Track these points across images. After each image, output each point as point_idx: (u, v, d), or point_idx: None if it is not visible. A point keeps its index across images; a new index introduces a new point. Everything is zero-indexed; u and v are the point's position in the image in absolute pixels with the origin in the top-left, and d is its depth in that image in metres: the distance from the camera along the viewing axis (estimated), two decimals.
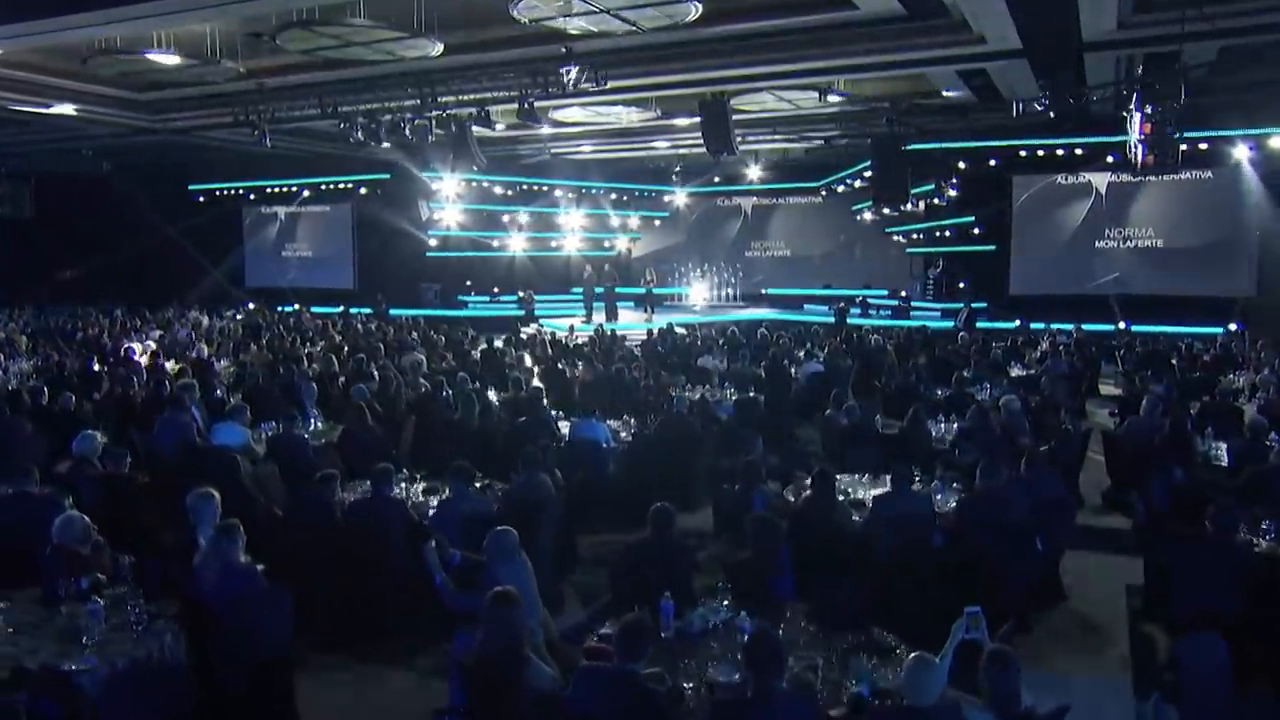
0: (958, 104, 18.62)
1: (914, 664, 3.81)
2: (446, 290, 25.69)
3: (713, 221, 28.37)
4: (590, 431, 8.92)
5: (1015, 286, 21.30)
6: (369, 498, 6.70)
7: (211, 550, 5.35)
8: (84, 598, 5.27)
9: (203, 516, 5.88)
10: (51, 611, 5.16)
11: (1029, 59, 14.42)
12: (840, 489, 7.03)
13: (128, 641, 4.82)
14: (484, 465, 8.24)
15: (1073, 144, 18.98)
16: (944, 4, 12.35)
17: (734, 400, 11.32)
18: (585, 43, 13.60)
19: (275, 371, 12.81)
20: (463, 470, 6.67)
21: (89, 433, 7.85)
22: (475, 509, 6.52)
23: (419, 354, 14.31)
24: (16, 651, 4.72)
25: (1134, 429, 8.94)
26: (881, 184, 19.42)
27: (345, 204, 26.61)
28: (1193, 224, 19.85)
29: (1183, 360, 14.15)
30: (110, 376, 11.84)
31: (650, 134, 21.69)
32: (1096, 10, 12.10)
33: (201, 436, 9.40)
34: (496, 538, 5.23)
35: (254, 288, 27.62)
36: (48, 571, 5.39)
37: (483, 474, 7.95)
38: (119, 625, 4.96)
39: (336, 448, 8.62)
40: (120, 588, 5.53)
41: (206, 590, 5.23)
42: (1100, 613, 6.83)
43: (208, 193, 26.88)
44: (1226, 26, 12.35)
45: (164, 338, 17.07)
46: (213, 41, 14.22)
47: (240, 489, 7.01)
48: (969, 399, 10.86)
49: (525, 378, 12.00)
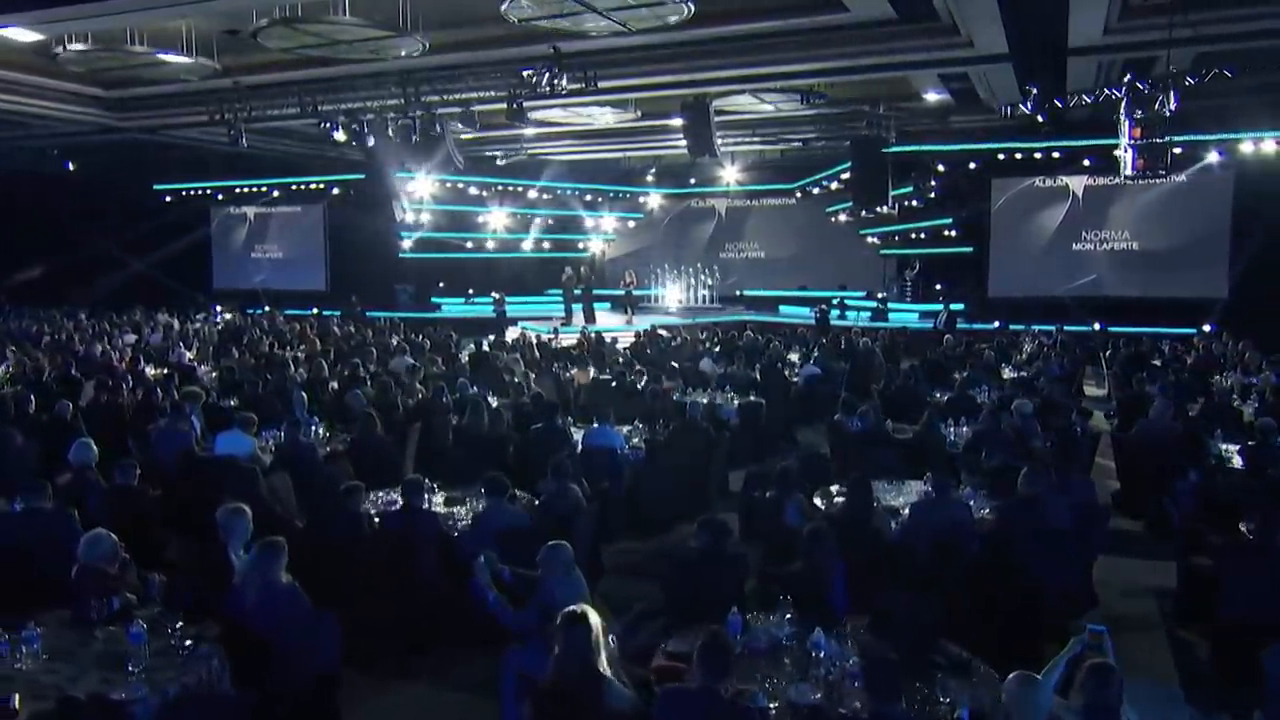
0: (936, 107, 18.79)
1: (1019, 684, 3.70)
2: (419, 292, 25.36)
3: (687, 223, 28.36)
4: (605, 439, 8.77)
5: (994, 288, 21.52)
6: (400, 510, 6.51)
7: (252, 568, 5.15)
8: (117, 619, 5.07)
9: (234, 532, 5.67)
10: (85, 635, 4.94)
11: (1014, 63, 14.56)
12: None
13: (173, 667, 4.61)
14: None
15: (1050, 147, 19.20)
16: (934, 7, 12.41)
17: (737, 405, 11.24)
18: (573, 43, 13.48)
19: (263, 377, 12.51)
20: (498, 482, 6.50)
21: (85, 441, 7.55)
22: (511, 521, 6.36)
23: (407, 358, 14.05)
24: (57, 679, 4.48)
25: (1146, 431, 8.98)
26: (861, 186, 19.54)
27: (317, 204, 26.20)
28: (1167, 227, 20.16)
29: (1170, 361, 14.34)
30: (97, 384, 11.43)
31: (627, 135, 21.59)
32: (1086, 16, 12.25)
33: (199, 445, 9.16)
34: (552, 552, 5.09)
35: (222, 289, 27.08)
36: (77, 592, 5.15)
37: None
38: (161, 649, 4.75)
39: (347, 456, 8.40)
40: (153, 608, 5.33)
41: (249, 610, 5.03)
42: (1133, 618, 6.84)
43: (174, 192, 26.28)
44: (1209, 33, 12.60)
45: (139, 342, 16.59)
46: (189, 38, 13.88)
47: (259, 502, 6.78)
48: (970, 401, 10.92)
49: (525, 382, 11.82)
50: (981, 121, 19.46)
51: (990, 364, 13.72)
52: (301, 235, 27.23)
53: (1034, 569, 5.93)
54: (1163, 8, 11.93)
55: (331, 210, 26.04)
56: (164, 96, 17.74)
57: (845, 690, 4.30)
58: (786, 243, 27.04)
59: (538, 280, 26.58)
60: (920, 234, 22.53)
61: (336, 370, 13.40)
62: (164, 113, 18.66)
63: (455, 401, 10.47)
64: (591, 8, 11.52)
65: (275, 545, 5.13)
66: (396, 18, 12.53)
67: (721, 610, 4.93)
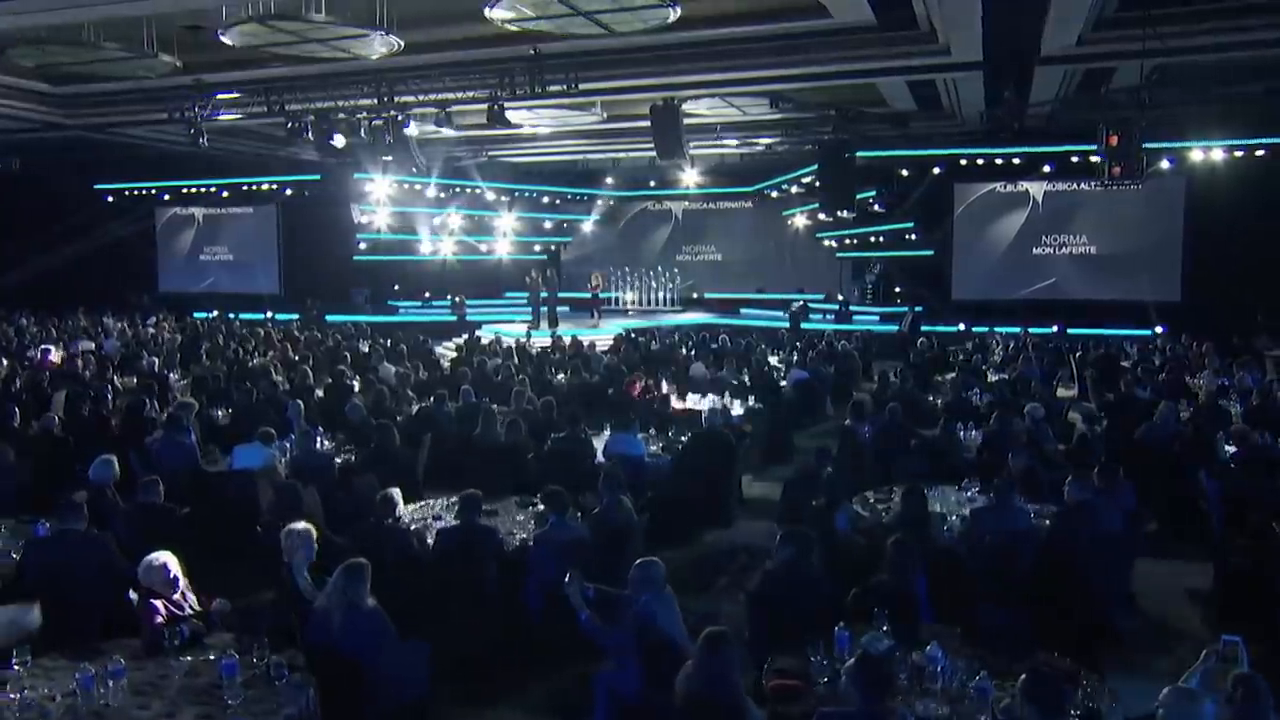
0: (899, 113, 19.09)
1: (1182, 697, 3.71)
2: (374, 295, 24.88)
3: (644, 226, 28.35)
4: (629, 447, 8.66)
5: (957, 291, 21.94)
6: (458, 527, 6.34)
7: (337, 591, 4.95)
8: (189, 648, 4.85)
9: (299, 553, 5.46)
10: (163, 666, 4.70)
11: (985, 71, 14.85)
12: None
13: (270, 698, 4.41)
14: (516, 486, 7.96)
15: (1010, 154, 19.68)
16: (914, 15, 12.59)
17: (742, 410, 11.23)
18: (552, 44, 13.35)
19: (241, 385, 12.10)
20: (559, 496, 6.37)
21: (107, 458, 7.20)
22: (573, 536, 6.25)
23: (390, 365, 13.73)
24: (153, 716, 4.26)
25: (1153, 433, 9.20)
26: (829, 190, 19.72)
27: (270, 205, 25.49)
28: (1123, 232, 20.78)
29: (1140, 363, 14.71)
30: (70, 395, 10.89)
31: (592, 137, 21.47)
32: (1064, 27, 12.55)
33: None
34: (645, 569, 4.99)
35: (168, 292, 26.17)
36: (146, 621, 4.90)
37: (521, 494, 7.67)
38: (249, 680, 4.53)
39: (370, 469, 8.14)
40: (219, 634, 5.11)
41: (335, 637, 4.84)
42: (1172, 620, 6.99)
43: (116, 192, 25.33)
44: (1175, 45, 12.99)
45: (98, 349, 15.92)
46: (149, 34, 13.34)
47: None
48: (968, 404, 11.10)
49: (524, 389, 11.53)
50: (943, 127, 19.88)
51: (977, 367, 13.95)
52: (254, 237, 26.47)
53: (1092, 574, 6.03)
54: (1136, 20, 12.27)
55: (286, 212, 25.34)
56: (116, 94, 17.09)
57: (970, 703, 4.30)
58: (743, 246, 27.25)
59: (494, 283, 26.31)
60: (879, 237, 22.87)
61: (321, 378, 13.07)
62: (117, 110, 17.99)
63: (457, 410, 10.26)
64: (577, 10, 11.38)
65: (359, 568, 4.95)
66: (372, 16, 12.22)
67: (807, 626, 4.89)
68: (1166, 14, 11.92)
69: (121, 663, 4.44)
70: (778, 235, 26.26)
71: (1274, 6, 11.77)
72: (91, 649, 4.72)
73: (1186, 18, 12.23)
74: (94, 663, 4.45)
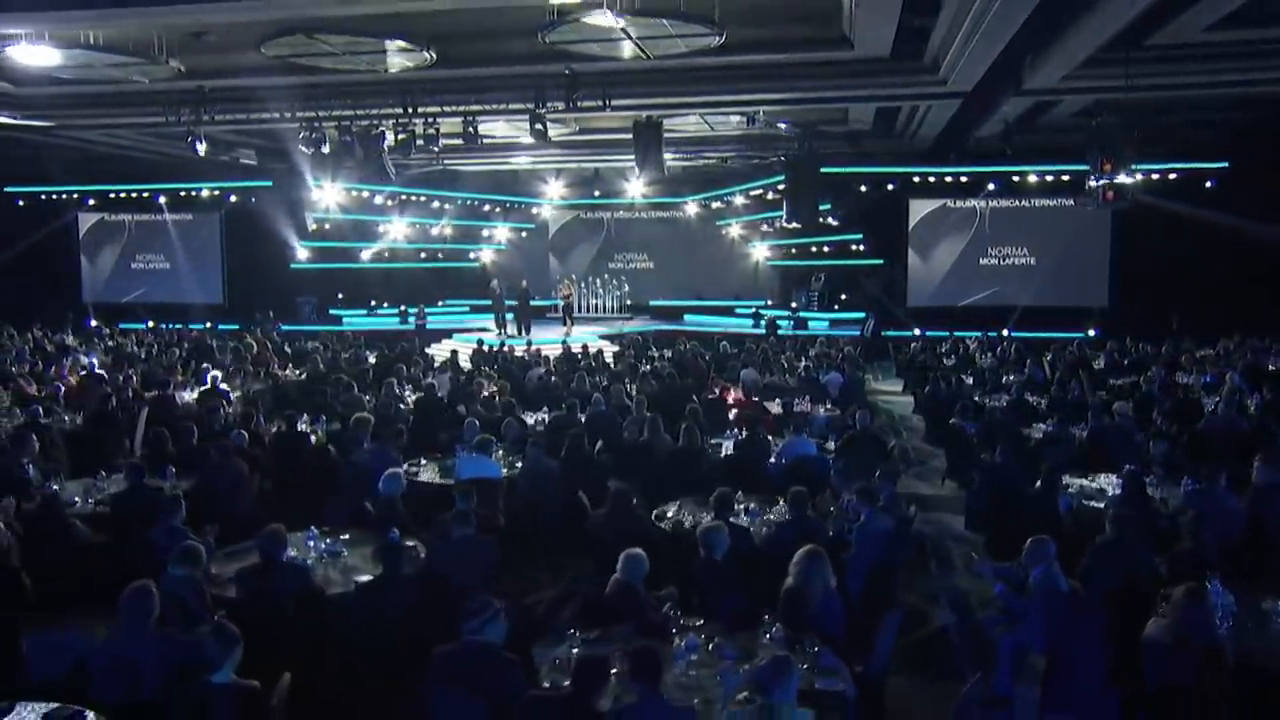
0: (855, 131, 20.45)
1: None
2: (320, 303, 24.32)
3: (576, 234, 28.68)
4: (806, 448, 9.33)
5: (912, 299, 23.70)
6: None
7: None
8: None
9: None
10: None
11: (965, 100, 16.18)
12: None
13: None
14: (686, 486, 8.44)
15: (959, 172, 21.58)
16: (924, 50, 13.76)
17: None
18: (585, 65, 13.77)
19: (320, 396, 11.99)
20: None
21: (395, 472, 7.29)
22: (884, 528, 6.89)
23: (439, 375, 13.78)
24: None
25: (1213, 427, 10.59)
26: (794, 203, 20.86)
27: (214, 213, 24.43)
28: (1058, 244, 22.96)
29: (1108, 363, 16.51)
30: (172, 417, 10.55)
31: (565, 148, 21.73)
32: (1057, 64, 13.95)
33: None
34: (1040, 546, 5.85)
35: (94, 303, 24.62)
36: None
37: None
38: None
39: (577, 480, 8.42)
40: None
41: None
42: None
43: (29, 196, 23.70)
44: (1142, 84, 14.69)
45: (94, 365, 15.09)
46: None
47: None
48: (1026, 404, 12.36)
49: (604, 395, 11.81)
50: (894, 145, 21.39)
51: (993, 368, 15.33)
52: (194, 245, 25.23)
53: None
54: (1115, 60, 13.82)
55: (230, 219, 24.36)
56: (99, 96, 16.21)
57: None
58: (675, 255, 27.85)
59: (435, 290, 26.12)
60: (824, 247, 24.16)
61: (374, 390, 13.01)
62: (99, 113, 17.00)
63: (589, 419, 10.60)
64: (628, 35, 11.84)
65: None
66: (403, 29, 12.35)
67: None
68: (1141, 56, 13.52)
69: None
70: (710, 244, 27.09)
71: (1227, 54, 13.57)
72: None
73: (1153, 60, 13.85)
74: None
